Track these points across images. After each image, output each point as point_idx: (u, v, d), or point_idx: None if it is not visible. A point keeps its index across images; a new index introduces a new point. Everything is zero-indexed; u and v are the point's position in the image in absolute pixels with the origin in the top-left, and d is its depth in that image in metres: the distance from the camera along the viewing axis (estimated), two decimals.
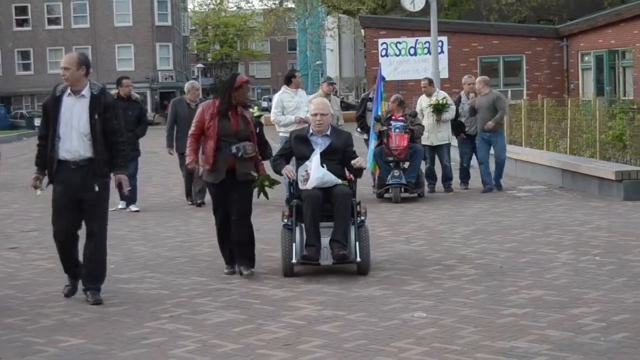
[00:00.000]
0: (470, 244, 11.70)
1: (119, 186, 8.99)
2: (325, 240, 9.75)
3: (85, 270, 8.82)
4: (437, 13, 29.61)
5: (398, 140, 16.22)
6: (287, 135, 13.30)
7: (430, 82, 18.39)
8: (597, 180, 16.10)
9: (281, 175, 10.20)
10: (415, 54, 39.35)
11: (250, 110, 10.42)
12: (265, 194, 9.89)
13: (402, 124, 16.37)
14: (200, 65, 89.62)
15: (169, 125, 16.68)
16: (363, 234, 9.78)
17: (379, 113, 16.49)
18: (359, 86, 67.39)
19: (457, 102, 18.12)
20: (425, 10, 29.84)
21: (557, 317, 7.92)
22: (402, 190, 16.28)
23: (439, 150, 17.67)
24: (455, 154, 18.60)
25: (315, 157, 9.90)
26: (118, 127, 8.78)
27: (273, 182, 9.88)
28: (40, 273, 10.39)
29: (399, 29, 40.47)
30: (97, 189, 8.62)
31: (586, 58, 40.18)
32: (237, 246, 9.91)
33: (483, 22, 44.73)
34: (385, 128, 16.29)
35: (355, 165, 10.00)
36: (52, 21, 78.23)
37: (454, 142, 18.16)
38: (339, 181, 9.96)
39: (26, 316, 8.36)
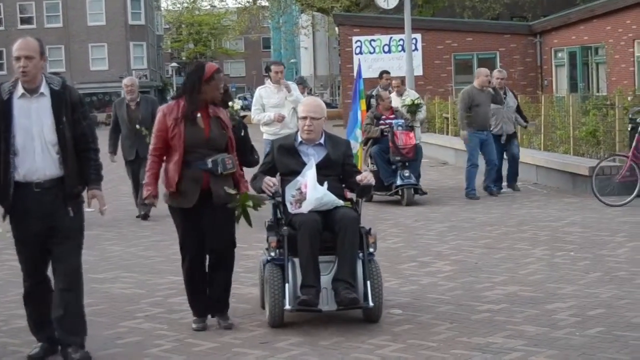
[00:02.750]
0: (446, 241, 11.74)
1: (92, 204, 6.87)
2: (325, 280, 7.64)
3: (59, 327, 6.85)
4: (411, 10, 29.64)
5: (405, 138, 15.37)
6: (273, 138, 12.59)
7: (403, 81, 17.91)
8: (571, 176, 16.16)
9: (262, 193, 7.90)
10: (389, 51, 39.38)
11: (230, 105, 8.68)
12: (248, 219, 7.59)
13: (401, 121, 15.64)
14: (174, 64, 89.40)
15: (110, 129, 15.04)
16: (374, 271, 7.68)
17: (359, 112, 15.68)
18: (333, 84, 67.46)
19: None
20: (399, 8, 29.90)
21: (532, 312, 7.96)
22: (413, 191, 15.39)
23: None
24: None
25: (311, 172, 7.69)
26: (89, 129, 6.84)
27: (258, 203, 7.61)
28: (15, 274, 10.32)
29: (373, 27, 40.48)
30: (71, 213, 6.70)
31: (559, 54, 40.33)
32: (215, 293, 7.74)
33: (457, 19, 44.82)
34: (385, 127, 15.48)
35: (362, 182, 7.89)
36: (24, 20, 77.74)
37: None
38: (340, 202, 7.81)
39: (1, 317, 8.34)
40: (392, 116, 15.75)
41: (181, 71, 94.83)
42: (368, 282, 7.57)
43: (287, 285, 7.53)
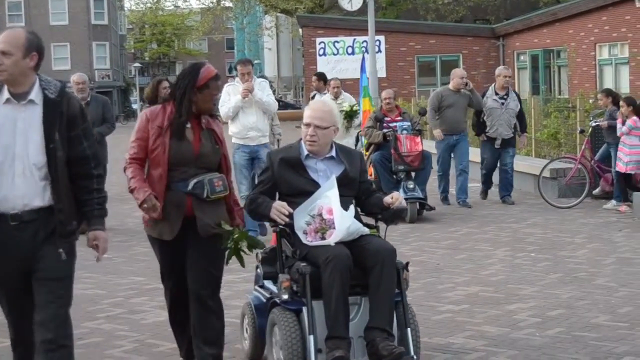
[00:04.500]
0: (408, 242, 11.77)
1: (96, 247, 5.43)
2: (355, 327, 6.08)
3: None
4: (375, 12, 29.69)
5: (410, 144, 13.42)
6: (242, 142, 12.00)
7: (341, 83, 16.41)
8: (532, 177, 16.26)
9: (267, 221, 6.51)
10: (353, 53, 39.43)
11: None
12: (241, 260, 6.19)
13: (407, 123, 13.80)
14: (137, 64, 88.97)
15: None
16: (412, 314, 6.27)
17: (359, 112, 14.90)
18: (297, 85, 67.44)
19: (482, 97, 15.20)
20: (363, 10, 29.91)
21: (493, 313, 8.01)
22: (419, 206, 13.47)
23: None
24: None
25: (333, 193, 6.19)
26: (90, 151, 5.34)
27: (254, 243, 6.22)
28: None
29: (336, 28, 40.55)
30: (63, 256, 5.27)
31: (522, 57, 40.58)
32: (199, 341, 6.28)
33: (420, 22, 44.97)
34: (388, 131, 13.59)
35: (394, 205, 6.35)
36: None
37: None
38: (366, 230, 6.31)
39: None
40: (398, 118, 13.95)
41: (144, 71, 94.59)
42: (408, 330, 6.09)
43: (310, 337, 5.92)
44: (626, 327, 7.48)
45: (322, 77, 17.15)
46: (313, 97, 17.06)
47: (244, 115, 12.01)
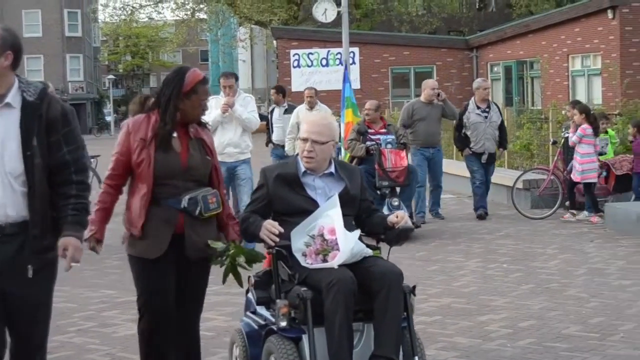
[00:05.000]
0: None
1: (64, 256, 4.89)
2: (358, 355, 5.68)
3: None
4: (349, 24, 29.71)
5: (394, 159, 12.61)
6: (219, 158, 11.74)
7: (316, 93, 16.15)
8: (505, 188, 16.31)
9: (258, 242, 5.91)
10: (327, 64, 39.46)
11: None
12: (238, 278, 5.78)
13: (391, 137, 13.02)
14: (111, 76, 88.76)
15: None
16: (419, 342, 5.83)
17: (343, 124, 14.28)
18: (271, 97, 67.42)
19: (463, 112, 14.99)
20: (337, 22, 29.90)
21: (465, 324, 8.02)
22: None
23: None
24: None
25: (336, 212, 5.75)
26: (72, 157, 4.89)
27: (253, 258, 5.79)
28: None
29: (310, 40, 40.57)
30: (30, 273, 4.76)
31: (495, 69, 40.73)
32: None
33: (394, 34, 45.09)
34: (371, 144, 12.81)
35: (399, 224, 5.92)
36: None
37: None
38: (370, 251, 5.88)
39: None
40: (382, 130, 13.16)
41: (118, 83, 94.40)
42: (416, 359, 5.71)
43: None
44: (597, 337, 7.51)
45: (280, 90, 17.03)
46: (272, 112, 16.92)
47: (222, 130, 11.75)
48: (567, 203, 14.65)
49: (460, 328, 7.88)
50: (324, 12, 30.36)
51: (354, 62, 37.70)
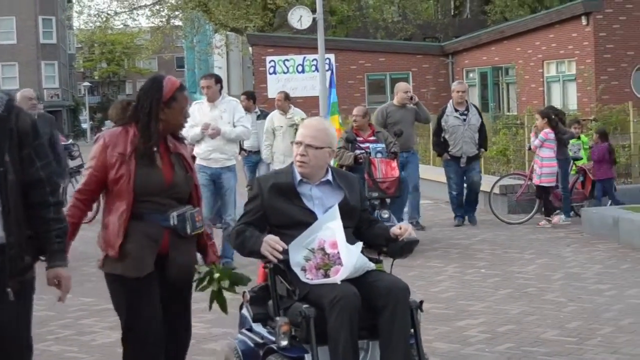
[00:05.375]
0: None
1: (57, 285, 4.79)
2: None
3: None
4: (325, 31, 29.76)
5: (385, 169, 11.96)
6: (204, 163, 11.25)
7: (287, 97, 15.48)
8: (482, 194, 16.35)
9: (257, 258, 5.52)
10: (303, 71, 39.48)
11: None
12: (223, 304, 5.48)
13: (381, 145, 12.31)
14: (86, 83, 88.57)
15: None
16: (426, 356, 5.50)
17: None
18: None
19: (441, 115, 14.75)
20: (313, 28, 29.94)
21: (444, 329, 8.04)
22: None
23: None
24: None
25: (337, 224, 5.43)
26: (45, 173, 4.63)
27: (238, 281, 5.44)
28: None
29: (286, 47, 40.59)
30: (11, 296, 4.51)
31: (471, 75, 40.86)
32: None
33: (370, 40, 45.17)
34: (360, 152, 12.09)
35: (403, 236, 5.62)
36: None
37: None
38: (372, 265, 5.57)
39: None
40: (371, 138, 12.55)
41: (93, 90, 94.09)
42: None
43: None
44: (575, 341, 7.55)
45: (250, 95, 16.72)
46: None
47: (207, 136, 11.24)
48: (543, 209, 14.75)
49: (439, 333, 7.90)
50: (299, 18, 30.38)
51: (329, 69, 37.73)
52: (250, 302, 5.62)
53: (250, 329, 5.73)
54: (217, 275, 5.34)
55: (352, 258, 5.32)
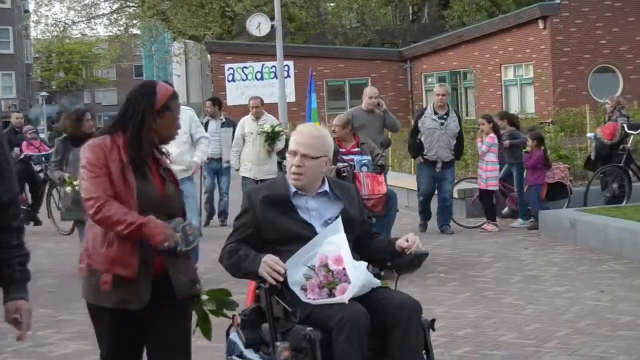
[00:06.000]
0: None
1: (14, 322, 4.31)
2: None
3: None
4: (283, 38, 29.81)
5: (371, 185, 10.93)
6: None
7: (262, 102, 15.00)
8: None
9: (253, 279, 5.16)
10: (262, 78, 39.50)
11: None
12: (207, 329, 4.97)
13: (367, 158, 11.27)
14: (44, 93, 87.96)
15: None
16: None
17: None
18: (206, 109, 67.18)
19: (419, 117, 14.28)
20: (271, 35, 29.99)
21: None
22: None
23: None
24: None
25: (341, 238, 5.02)
26: (9, 198, 4.15)
27: (225, 305, 4.95)
28: None
29: (245, 54, 40.60)
30: None
31: (429, 79, 41.03)
32: None
33: (328, 46, 45.26)
34: (344, 166, 10.83)
35: (410, 249, 5.16)
36: None
37: None
38: (378, 282, 5.15)
39: None
40: (355, 149, 11.53)
41: (51, 100, 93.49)
42: None
43: None
44: (533, 344, 7.58)
45: (216, 102, 16.48)
46: (206, 125, 15.60)
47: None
48: (504, 211, 14.85)
49: None
50: (257, 26, 30.40)
51: (288, 76, 37.77)
52: (241, 326, 5.15)
53: (241, 355, 5.25)
54: (203, 297, 4.83)
55: (359, 274, 4.90)
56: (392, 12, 54.76)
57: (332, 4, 51.93)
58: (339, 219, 5.09)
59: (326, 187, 5.28)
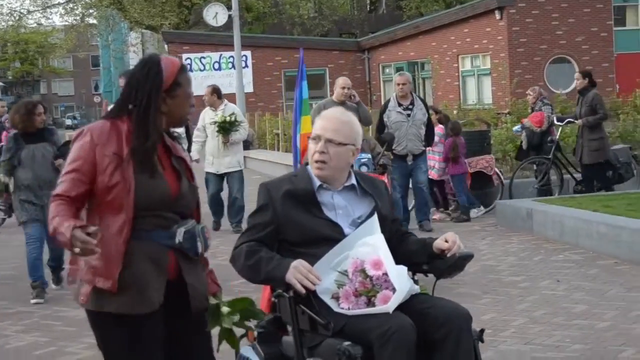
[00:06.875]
0: None
1: None
2: None
3: None
4: (241, 28, 29.76)
5: None
6: None
7: (215, 91, 14.13)
8: None
9: (277, 284, 4.41)
10: (219, 68, 39.40)
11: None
12: (235, 343, 4.37)
13: (366, 156, 10.43)
14: (0, 83, 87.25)
15: None
16: None
17: (299, 138, 11.69)
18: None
19: (384, 110, 13.30)
20: (229, 25, 29.94)
21: None
22: None
23: (229, 179, 13.95)
24: None
25: (377, 239, 4.41)
26: None
27: (250, 314, 4.35)
28: None
29: (202, 44, 40.48)
30: None
31: (387, 70, 41.14)
32: None
33: (286, 37, 45.22)
34: None
35: (451, 250, 4.58)
36: None
37: None
38: (417, 288, 4.51)
39: None
40: None
41: (7, 91, 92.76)
42: None
43: None
44: (490, 333, 7.59)
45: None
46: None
47: None
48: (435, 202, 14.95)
49: None
50: (214, 15, 30.34)
51: (246, 66, 37.72)
52: (259, 340, 4.53)
53: None
54: (225, 309, 4.24)
55: (403, 280, 4.30)
56: (350, 2, 54.81)
57: None
58: (374, 218, 4.50)
59: (353, 181, 4.66)
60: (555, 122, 15.08)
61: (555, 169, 15.21)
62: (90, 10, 51.51)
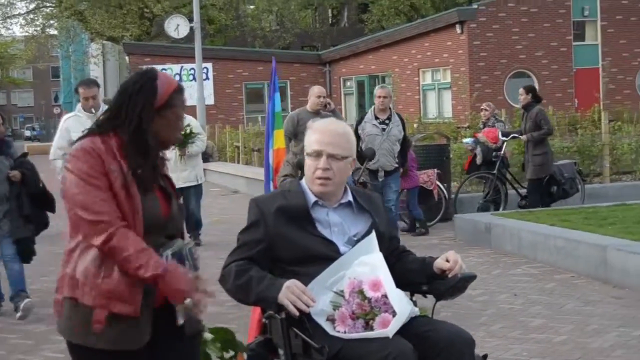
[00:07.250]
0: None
1: None
2: None
3: None
4: (202, 40, 29.73)
5: None
6: None
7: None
8: None
9: (267, 306, 4.15)
10: (180, 80, 39.26)
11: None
12: None
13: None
14: None
15: None
16: None
17: (271, 153, 10.12)
18: None
19: (359, 122, 13.06)
20: (190, 37, 29.90)
21: None
22: None
23: (185, 193, 13.25)
24: None
25: (376, 258, 4.18)
26: None
27: (230, 345, 4.47)
28: None
29: (164, 56, 40.38)
30: None
31: (348, 83, 41.25)
32: None
33: (247, 49, 45.26)
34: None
35: (453, 270, 4.32)
36: None
37: None
38: (416, 310, 4.25)
39: None
40: None
41: None
42: None
43: None
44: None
45: None
46: None
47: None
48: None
49: None
50: (176, 27, 30.29)
51: (207, 78, 37.65)
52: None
53: None
54: (207, 336, 4.15)
55: (404, 303, 4.06)
56: (312, 15, 54.96)
57: (251, 7, 51.95)
58: (373, 236, 4.27)
59: (349, 197, 4.44)
60: (500, 137, 15.14)
61: (500, 184, 15.27)
62: (51, 21, 51.28)
